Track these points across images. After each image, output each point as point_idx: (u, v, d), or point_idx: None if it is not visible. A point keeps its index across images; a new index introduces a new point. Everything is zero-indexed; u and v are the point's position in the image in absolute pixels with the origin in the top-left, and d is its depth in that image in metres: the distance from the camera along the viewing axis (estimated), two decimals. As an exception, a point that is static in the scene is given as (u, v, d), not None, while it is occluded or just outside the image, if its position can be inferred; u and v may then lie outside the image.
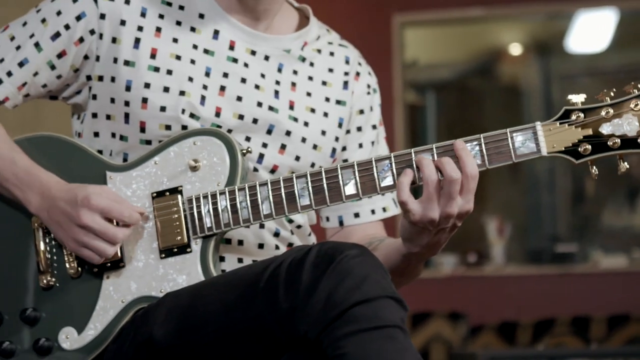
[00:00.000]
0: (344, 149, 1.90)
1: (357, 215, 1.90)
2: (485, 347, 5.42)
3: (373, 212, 1.90)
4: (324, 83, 1.88)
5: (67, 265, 1.72)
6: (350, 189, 1.66)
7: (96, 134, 1.79)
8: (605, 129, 1.63)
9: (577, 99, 1.64)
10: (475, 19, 6.17)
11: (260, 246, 1.78)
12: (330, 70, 1.89)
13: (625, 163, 1.63)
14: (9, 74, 1.76)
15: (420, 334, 5.68)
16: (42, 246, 1.73)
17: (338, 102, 1.88)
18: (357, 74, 1.92)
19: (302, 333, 1.49)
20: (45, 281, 1.72)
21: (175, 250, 1.69)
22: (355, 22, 6.13)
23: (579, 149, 1.63)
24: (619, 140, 1.62)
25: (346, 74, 1.90)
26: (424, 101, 7.06)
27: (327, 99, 1.87)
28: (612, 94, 1.63)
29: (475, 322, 5.68)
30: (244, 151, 1.72)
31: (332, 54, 1.91)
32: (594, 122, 1.63)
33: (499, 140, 1.63)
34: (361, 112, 1.91)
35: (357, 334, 1.45)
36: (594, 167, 1.64)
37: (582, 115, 1.63)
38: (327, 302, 1.47)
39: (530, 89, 6.81)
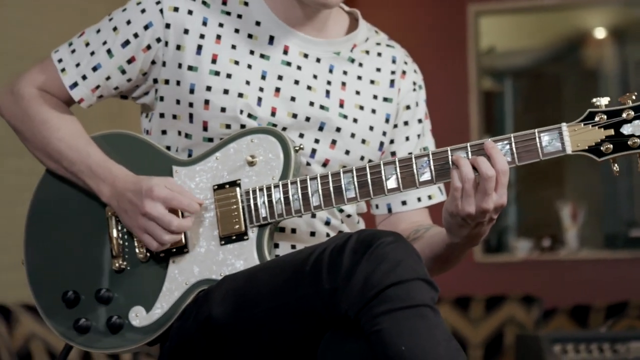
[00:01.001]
0: (391, 142, 2.04)
1: (404, 202, 2.04)
2: (557, 330, 5.50)
3: (419, 199, 2.05)
4: (372, 82, 2.02)
5: (137, 250, 1.89)
6: (392, 183, 1.81)
7: (163, 132, 1.95)
8: (626, 130, 1.75)
9: (601, 101, 1.77)
10: (550, 7, 6.24)
11: (312, 234, 1.94)
12: (378, 69, 2.03)
13: None
14: (84, 77, 1.94)
15: (494, 317, 5.77)
16: (114, 233, 1.90)
17: (385, 99, 2.02)
18: (403, 72, 2.06)
19: (343, 312, 1.64)
20: (117, 265, 1.90)
21: (234, 237, 1.85)
22: (430, 12, 6.25)
23: (601, 148, 1.76)
24: (639, 140, 1.74)
25: (393, 72, 2.04)
26: (502, 88, 7.14)
27: (375, 97, 2.01)
28: (633, 97, 1.76)
29: (548, 306, 5.75)
30: (297, 148, 1.88)
31: (379, 54, 2.05)
32: (615, 123, 1.75)
33: (528, 139, 1.76)
34: (407, 107, 2.05)
35: (391, 312, 1.59)
36: (616, 165, 1.77)
37: (604, 117, 1.76)
38: (365, 284, 1.61)
39: (609, 74, 6.82)
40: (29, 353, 4.58)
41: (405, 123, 2.05)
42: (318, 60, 1.96)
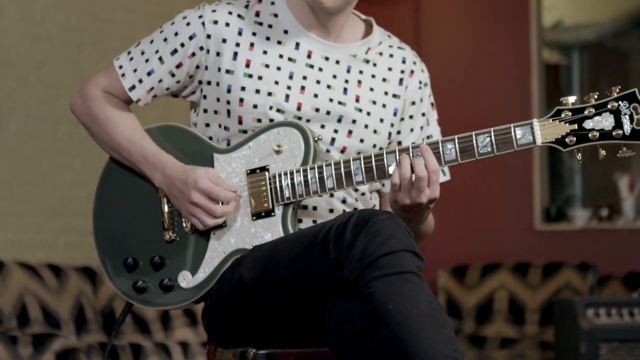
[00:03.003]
0: (398, 132, 2.35)
1: None
2: (611, 295, 5.66)
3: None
4: (384, 80, 2.33)
5: (184, 224, 2.25)
6: (392, 169, 2.13)
7: (207, 125, 2.30)
8: (587, 125, 2.05)
9: (569, 100, 2.07)
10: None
11: (331, 211, 2.27)
12: (390, 69, 2.34)
13: (603, 151, 2.05)
14: (140, 81, 2.29)
15: (552, 283, 5.95)
16: (166, 209, 2.26)
17: (394, 95, 2.33)
18: (412, 72, 2.37)
19: (345, 277, 1.97)
20: (168, 236, 2.26)
21: (263, 214, 2.20)
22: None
23: (566, 140, 2.06)
24: (598, 133, 2.04)
25: (402, 72, 2.35)
26: (570, 61, 7.26)
27: (386, 93, 2.32)
28: (595, 96, 2.05)
29: (604, 273, 5.91)
30: (316, 139, 2.22)
31: (391, 55, 2.36)
32: (579, 119, 2.06)
33: (505, 132, 2.07)
34: (413, 103, 2.36)
35: (382, 277, 1.92)
36: (579, 154, 2.06)
37: (570, 113, 2.06)
38: (363, 254, 1.94)
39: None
40: (112, 311, 4.97)
41: (411, 117, 2.36)
42: (337, 62, 2.29)
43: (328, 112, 2.27)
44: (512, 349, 5.78)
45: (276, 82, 2.25)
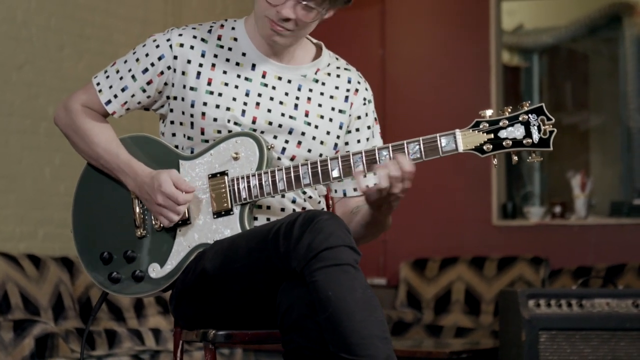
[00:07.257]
0: (346, 143, 2.63)
1: (355, 189, 2.65)
2: (561, 287, 5.85)
3: (367, 187, 2.65)
4: (331, 97, 2.60)
5: (153, 222, 2.53)
6: (335, 173, 2.42)
7: (173, 134, 2.58)
8: (502, 134, 2.34)
9: (486, 113, 2.36)
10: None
11: (282, 210, 2.55)
12: (336, 87, 2.62)
13: (516, 157, 2.35)
14: (115, 96, 2.57)
15: (506, 275, 6.21)
16: (137, 210, 2.54)
17: (340, 111, 2.62)
18: (356, 90, 2.65)
19: (293, 268, 2.26)
20: (139, 233, 2.54)
21: (223, 213, 2.48)
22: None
23: (484, 148, 2.35)
24: (511, 142, 2.33)
25: (348, 90, 2.63)
26: (530, 63, 7.50)
27: (333, 109, 2.60)
28: (509, 110, 2.34)
29: (555, 266, 6.16)
30: (269, 147, 2.50)
31: (338, 76, 2.64)
32: (494, 129, 2.35)
33: (432, 141, 2.35)
34: (358, 117, 2.64)
35: (324, 268, 2.20)
36: (495, 159, 2.36)
37: (487, 124, 2.35)
38: (308, 248, 2.22)
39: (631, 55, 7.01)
40: (88, 299, 5.15)
41: (357, 129, 2.64)
42: (289, 81, 2.57)
43: (280, 125, 2.55)
44: (467, 338, 6.00)
45: (234, 99, 2.52)
